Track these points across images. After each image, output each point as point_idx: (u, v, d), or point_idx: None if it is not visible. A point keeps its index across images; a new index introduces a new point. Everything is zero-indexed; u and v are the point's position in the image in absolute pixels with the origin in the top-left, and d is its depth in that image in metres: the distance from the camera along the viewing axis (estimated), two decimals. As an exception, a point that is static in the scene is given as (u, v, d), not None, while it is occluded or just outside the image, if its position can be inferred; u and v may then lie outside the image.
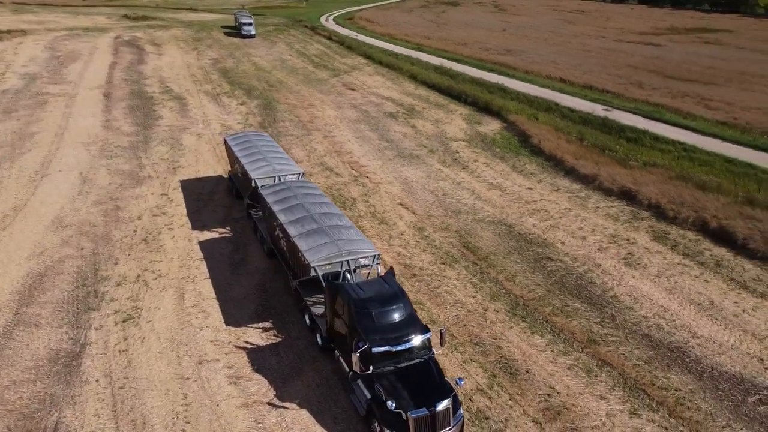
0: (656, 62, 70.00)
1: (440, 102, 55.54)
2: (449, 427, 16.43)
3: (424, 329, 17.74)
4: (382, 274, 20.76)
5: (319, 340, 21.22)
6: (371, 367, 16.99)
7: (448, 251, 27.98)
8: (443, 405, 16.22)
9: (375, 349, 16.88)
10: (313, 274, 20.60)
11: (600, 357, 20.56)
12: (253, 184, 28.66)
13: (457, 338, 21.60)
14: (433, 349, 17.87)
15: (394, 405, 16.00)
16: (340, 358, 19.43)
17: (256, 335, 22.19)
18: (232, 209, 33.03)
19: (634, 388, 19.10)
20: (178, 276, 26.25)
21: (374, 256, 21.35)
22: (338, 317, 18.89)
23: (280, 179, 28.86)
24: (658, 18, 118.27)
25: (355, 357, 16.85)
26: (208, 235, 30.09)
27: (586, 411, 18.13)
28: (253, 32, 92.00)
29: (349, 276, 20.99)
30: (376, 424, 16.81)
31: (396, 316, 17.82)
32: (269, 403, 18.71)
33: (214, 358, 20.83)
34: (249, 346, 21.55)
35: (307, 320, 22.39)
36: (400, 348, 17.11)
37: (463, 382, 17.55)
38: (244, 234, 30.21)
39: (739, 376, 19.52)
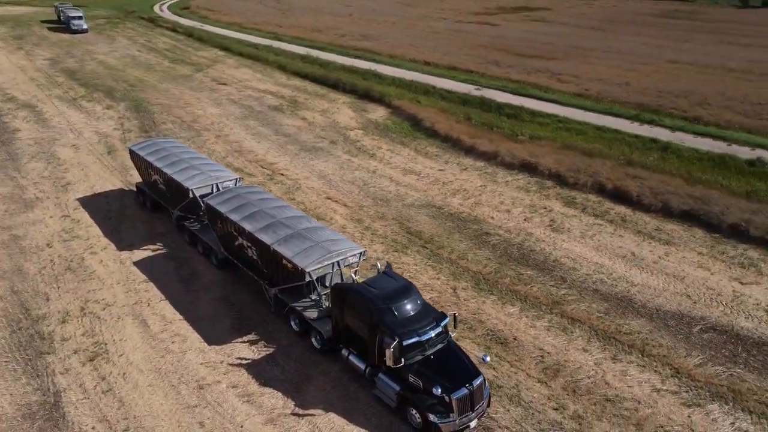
0: (501, 41, 76.06)
1: (319, 92, 55.75)
2: (483, 401, 17.84)
3: (442, 315, 18.85)
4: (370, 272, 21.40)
5: (316, 343, 21.38)
6: (402, 360, 17.77)
7: (394, 239, 29.10)
8: (479, 381, 17.57)
9: (406, 342, 17.66)
10: (308, 279, 20.62)
11: (568, 315, 23.17)
12: (191, 195, 27.34)
13: (440, 319, 22.98)
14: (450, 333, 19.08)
15: (440, 390, 16.99)
16: (350, 357, 19.86)
17: (246, 350, 21.72)
18: (153, 224, 31.10)
19: (605, 337, 21.93)
20: (128, 302, 24.53)
21: (360, 253, 21.86)
22: (352, 318, 19.26)
23: (218, 187, 27.83)
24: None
25: (389, 352, 17.49)
26: (140, 254, 28.19)
27: (578, 364, 20.56)
28: (84, 27, 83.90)
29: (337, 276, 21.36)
30: (413, 412, 17.69)
31: (414, 307, 18.70)
32: (294, 414, 18.71)
33: (214, 380, 20.14)
34: (244, 361, 21.07)
35: (295, 326, 22.34)
36: (426, 337, 18.05)
37: (488, 359, 19.01)
38: (180, 248, 28.75)
39: (678, 312, 23.21)
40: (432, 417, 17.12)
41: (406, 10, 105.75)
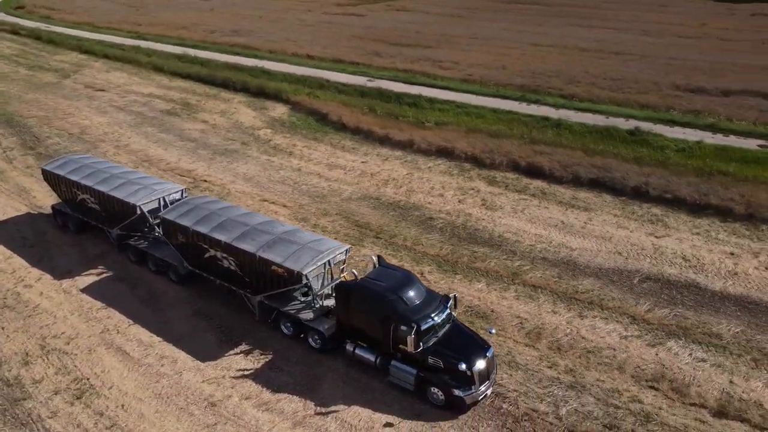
0: (374, 32, 77.99)
1: (209, 92, 53.96)
2: (494, 370, 19.56)
3: (446, 297, 20.21)
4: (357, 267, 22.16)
5: (313, 343, 21.77)
6: (421, 344, 18.91)
7: (347, 233, 29.84)
8: (491, 353, 19.23)
9: (423, 326, 18.79)
10: (304, 281, 20.92)
11: (529, 284, 25.59)
12: (139, 211, 26.03)
13: (418, 303, 24.30)
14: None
15: (464, 365, 18.37)
16: (356, 351, 20.57)
17: (243, 361, 21.57)
18: (84, 246, 29.13)
19: (566, 298, 24.60)
20: (93, 332, 23.13)
21: (346, 250, 22.50)
22: (360, 313, 19.95)
23: (165, 200, 26.75)
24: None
25: (410, 339, 18.55)
26: (84, 280, 26.45)
27: (554, 325, 22.97)
28: None
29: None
30: (434, 390, 18.94)
31: (420, 294, 19.85)
32: (318, 414, 19.15)
33: (224, 395, 19.90)
34: (247, 372, 20.97)
35: (286, 330, 22.50)
36: (439, 319, 19.32)
37: (494, 331, 20.68)
38: (126, 268, 27.30)
39: (617, 268, 26.55)
40: (457, 392, 18.50)
41: (268, 2, 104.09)
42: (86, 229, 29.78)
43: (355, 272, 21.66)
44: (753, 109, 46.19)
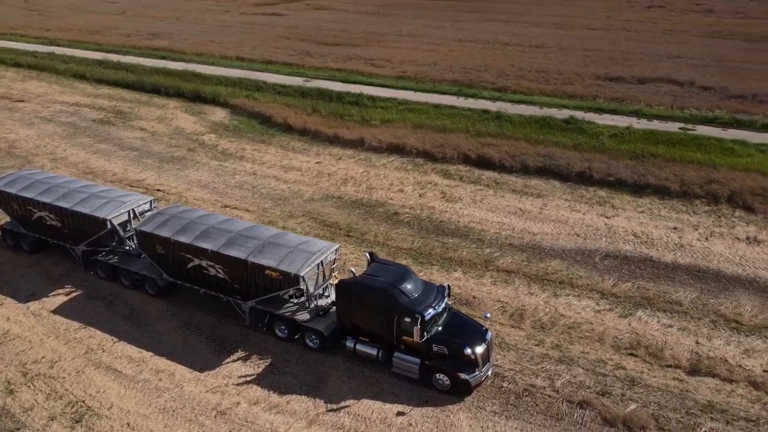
0: (298, 31, 77.70)
1: (141, 99, 52.14)
2: (492, 352, 20.72)
3: (441, 287, 21.14)
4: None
5: (311, 343, 22.10)
6: (425, 333, 19.76)
7: (317, 234, 30.08)
8: (489, 336, 20.37)
9: (427, 316, 19.62)
10: (301, 283, 21.19)
11: (502, 269, 27.00)
12: (110, 225, 25.21)
13: (403, 296, 25.12)
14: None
15: (468, 349, 19.38)
16: (357, 347, 21.12)
17: (243, 367, 21.61)
18: (44, 266, 27.91)
19: (539, 280, 26.20)
20: (77, 354, 22.39)
21: (336, 249, 22.94)
22: (362, 309, 20.49)
23: (135, 213, 26.05)
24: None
25: (416, 329, 19.35)
26: (52, 302, 25.40)
27: (533, 306, 24.46)
28: None
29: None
30: (439, 376, 19.86)
31: (417, 286, 20.66)
32: (330, 411, 19.58)
33: (232, 403, 19.93)
34: (250, 377, 21.04)
35: (281, 333, 22.66)
36: (439, 308, 20.22)
37: (489, 315, 21.80)
38: (97, 286, 26.40)
39: (578, 249, 28.48)
40: (463, 375, 19.49)
41: (182, 3, 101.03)
42: (42, 249, 28.45)
43: (353, 270, 22.17)
44: (667, 94, 50.32)
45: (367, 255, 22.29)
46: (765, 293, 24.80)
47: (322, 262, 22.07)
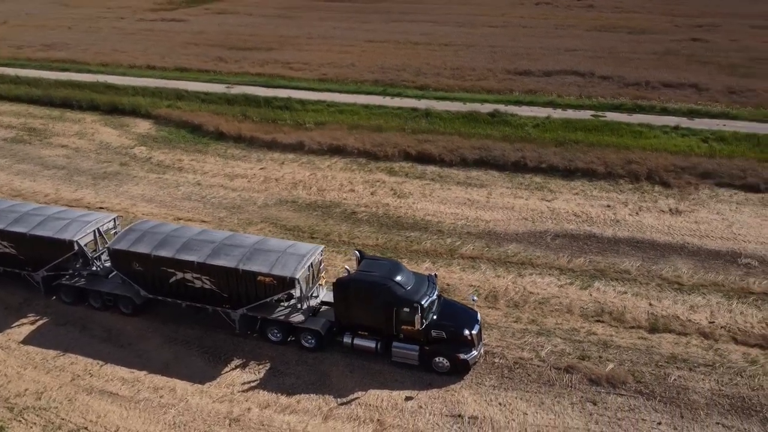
0: (206, 37, 75.83)
1: (52, 114, 49.30)
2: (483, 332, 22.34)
3: (431, 276, 22.42)
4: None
5: (306, 343, 22.67)
6: (424, 321, 20.98)
7: (282, 238, 30.38)
8: (479, 317, 21.93)
9: (424, 303, 20.83)
10: (297, 286, 21.68)
11: (467, 256, 28.73)
12: (77, 247, 24.30)
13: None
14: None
15: (466, 331, 20.81)
16: (356, 341, 21.97)
17: (244, 374, 21.84)
18: (-2, 296, 26.24)
19: (502, 263, 28.14)
20: (63, 382, 21.67)
21: (321, 250, 23.57)
22: (361, 304, 21.33)
23: (100, 232, 25.24)
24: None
25: (417, 317, 20.54)
26: (19, 333, 24.39)
27: (503, 287, 26.33)
28: None
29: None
30: (440, 360, 21.16)
31: (410, 276, 21.83)
32: (342, 404, 20.33)
33: (243, 409, 20.21)
34: (253, 383, 21.33)
35: (274, 337, 23.00)
36: (434, 296, 21.50)
37: (476, 298, 23.29)
38: (63, 311, 25.43)
39: (529, 231, 30.79)
40: (462, 356, 20.92)
41: (67, 11, 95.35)
42: (-9, 278, 26.83)
43: (348, 268, 22.93)
44: (572, 85, 54.58)
45: (357, 253, 23.15)
46: (695, 256, 28.23)
47: (311, 263, 22.67)
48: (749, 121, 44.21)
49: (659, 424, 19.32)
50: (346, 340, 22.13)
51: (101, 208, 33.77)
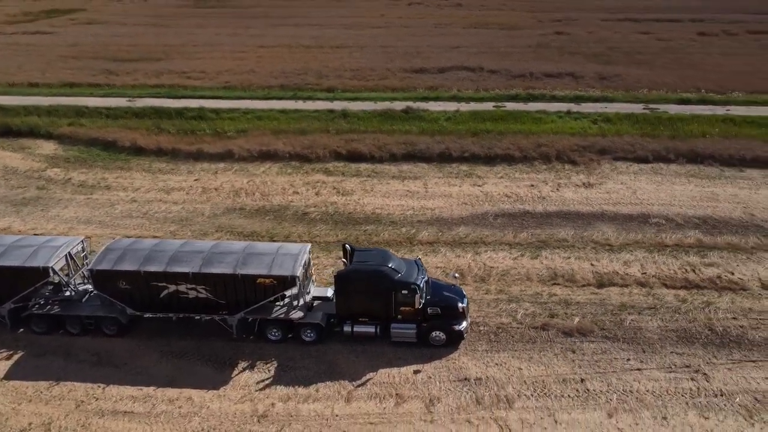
0: (83, 49, 71.62)
1: (-68, 141, 44.92)
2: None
3: (417, 260, 24.45)
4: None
5: (307, 337, 23.75)
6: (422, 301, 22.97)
7: (243, 245, 30.91)
8: (464, 292, 24.32)
9: (420, 284, 22.81)
10: (297, 284, 22.71)
11: (425, 242, 31.02)
12: (52, 273, 23.44)
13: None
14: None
15: (459, 304, 23.08)
16: (356, 328, 23.44)
17: (255, 375, 22.52)
18: (-45, 337, 24.44)
19: (458, 245, 30.78)
20: (68, 410, 21.14)
21: (309, 248, 24.67)
22: (361, 293, 22.80)
23: (71, 256, 24.45)
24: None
25: (417, 297, 22.48)
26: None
27: (465, 264, 28.89)
28: None
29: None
30: (435, 334, 23.25)
31: (400, 262, 23.67)
32: (358, 386, 21.77)
33: (268, 405, 21.02)
34: (267, 381, 22.10)
35: (273, 336, 23.79)
36: (425, 277, 23.53)
37: (458, 275, 25.51)
38: (33, 341, 24.40)
39: (472, 215, 33.71)
40: (457, 327, 23.18)
41: None
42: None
43: (345, 261, 24.24)
44: (467, 80, 59.06)
45: (348, 246, 24.56)
46: (615, 221, 32.72)
47: (305, 262, 23.78)
48: (624, 102, 50.99)
49: (628, 360, 22.88)
50: (347, 328, 23.54)
51: (36, 234, 31.94)
